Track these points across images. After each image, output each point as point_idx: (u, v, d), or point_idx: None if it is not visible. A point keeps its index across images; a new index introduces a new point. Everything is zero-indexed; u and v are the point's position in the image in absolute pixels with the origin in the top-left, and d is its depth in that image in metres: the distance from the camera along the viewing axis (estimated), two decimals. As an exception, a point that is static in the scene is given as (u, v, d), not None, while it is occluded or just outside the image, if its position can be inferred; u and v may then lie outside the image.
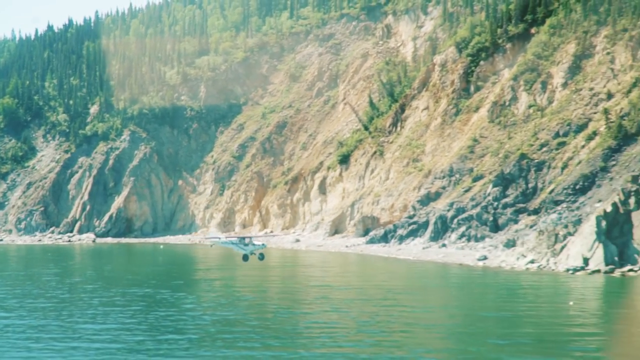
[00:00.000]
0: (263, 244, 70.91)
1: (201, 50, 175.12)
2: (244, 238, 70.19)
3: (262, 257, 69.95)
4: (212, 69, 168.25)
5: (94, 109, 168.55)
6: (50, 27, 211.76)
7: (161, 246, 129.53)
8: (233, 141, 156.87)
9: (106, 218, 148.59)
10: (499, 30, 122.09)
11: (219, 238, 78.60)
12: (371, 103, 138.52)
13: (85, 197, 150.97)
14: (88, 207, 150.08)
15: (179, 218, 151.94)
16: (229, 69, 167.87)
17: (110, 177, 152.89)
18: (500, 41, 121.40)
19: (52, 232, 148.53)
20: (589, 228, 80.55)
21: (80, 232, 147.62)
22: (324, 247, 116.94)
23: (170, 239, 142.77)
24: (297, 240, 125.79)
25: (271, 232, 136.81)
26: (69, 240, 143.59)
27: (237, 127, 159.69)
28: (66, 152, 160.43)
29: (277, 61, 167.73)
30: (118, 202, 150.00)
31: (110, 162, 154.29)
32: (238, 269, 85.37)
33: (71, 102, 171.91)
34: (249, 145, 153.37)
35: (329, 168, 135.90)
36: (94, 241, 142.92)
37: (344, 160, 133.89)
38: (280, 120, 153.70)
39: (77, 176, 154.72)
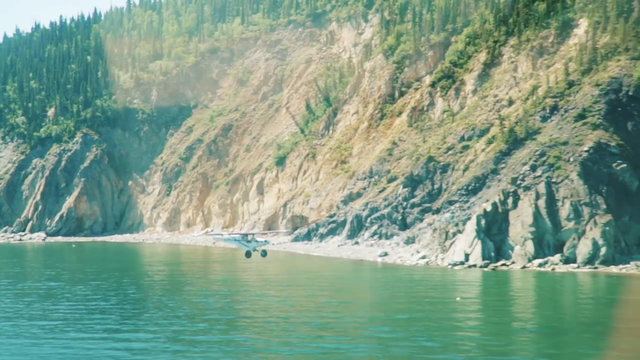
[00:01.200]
0: (266, 241, 73.62)
1: (155, 55, 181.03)
2: (246, 235, 72.46)
3: (264, 253, 71.62)
4: (164, 73, 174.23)
5: (51, 112, 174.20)
6: (17, 31, 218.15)
7: (73, 245, 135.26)
8: (182, 143, 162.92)
9: (57, 217, 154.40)
10: (422, 39, 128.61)
11: (222, 235, 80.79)
12: (308, 107, 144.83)
13: (38, 197, 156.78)
14: (40, 207, 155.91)
15: (128, 217, 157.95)
16: (181, 73, 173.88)
17: (62, 178, 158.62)
18: (422, 49, 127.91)
19: (5, 231, 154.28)
20: (470, 226, 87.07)
21: (32, 231, 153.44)
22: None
23: (117, 238, 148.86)
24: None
25: (212, 230, 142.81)
26: (20, 239, 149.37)
27: (186, 129, 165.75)
28: (22, 153, 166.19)
29: (227, 66, 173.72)
30: (69, 202, 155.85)
31: (63, 163, 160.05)
32: (127, 262, 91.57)
33: (30, 105, 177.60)
34: (196, 147, 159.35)
35: (266, 169, 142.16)
36: (44, 240, 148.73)
37: (280, 162, 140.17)
38: (227, 123, 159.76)
39: (30, 177, 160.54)
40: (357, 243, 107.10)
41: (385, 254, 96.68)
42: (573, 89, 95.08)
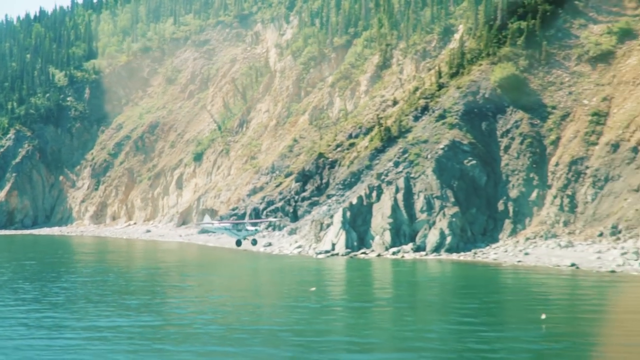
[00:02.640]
0: (256, 230, 75.45)
1: (90, 54, 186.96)
2: (237, 224, 75.18)
3: (255, 242, 72.69)
4: (97, 71, 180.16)
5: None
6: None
7: None
8: (111, 140, 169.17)
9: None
10: (327, 41, 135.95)
11: (212, 224, 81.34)
12: (226, 105, 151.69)
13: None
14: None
15: (58, 211, 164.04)
16: (113, 72, 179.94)
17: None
18: (327, 51, 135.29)
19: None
20: (338, 218, 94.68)
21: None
22: (165, 237, 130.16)
23: (46, 230, 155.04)
24: (148, 231, 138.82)
25: (134, 223, 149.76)
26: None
27: (116, 126, 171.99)
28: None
29: (158, 65, 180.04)
30: (0, 196, 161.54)
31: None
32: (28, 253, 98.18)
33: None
34: (124, 143, 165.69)
35: (185, 165, 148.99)
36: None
37: (198, 157, 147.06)
38: (154, 120, 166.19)
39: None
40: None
41: (270, 244, 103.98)
42: (442, 91, 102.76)
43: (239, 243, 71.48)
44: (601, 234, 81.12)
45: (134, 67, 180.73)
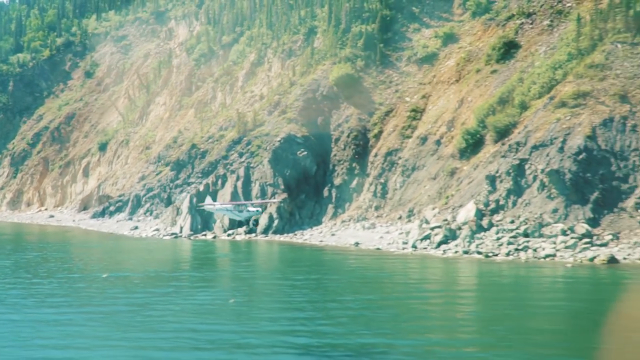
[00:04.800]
0: (257, 211, 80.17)
1: (17, 48, 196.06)
2: (239, 205, 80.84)
3: (256, 223, 79.73)
4: (21, 65, 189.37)
5: None
6: None
7: None
8: (31, 130, 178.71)
9: None
10: (216, 39, 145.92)
11: (214, 205, 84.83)
12: (130, 98, 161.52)
13: None
14: None
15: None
16: (36, 66, 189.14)
17: None
18: (215, 48, 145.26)
19: None
20: (186, 203, 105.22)
21: None
22: (62, 222, 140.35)
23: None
24: (52, 216, 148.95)
25: (46, 209, 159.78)
26: None
27: (37, 117, 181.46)
28: None
29: (79, 59, 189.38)
30: None
31: None
32: None
33: None
34: (42, 134, 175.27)
35: (92, 154, 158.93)
36: None
37: (103, 147, 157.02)
38: (70, 112, 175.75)
39: None
40: (130, 219, 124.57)
41: (136, 228, 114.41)
42: (292, 88, 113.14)
43: (241, 224, 72.52)
44: (400, 217, 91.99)
45: (56, 61, 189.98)
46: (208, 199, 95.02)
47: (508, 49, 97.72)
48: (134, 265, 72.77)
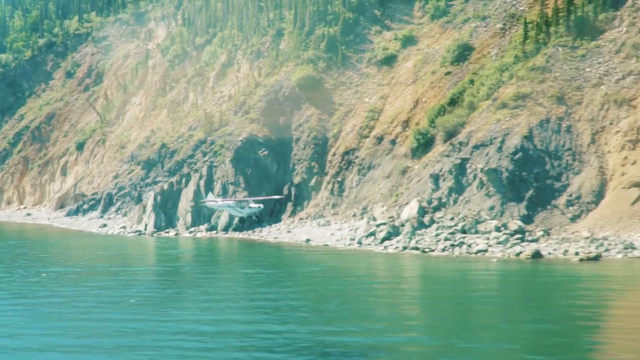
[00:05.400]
0: (259, 207, 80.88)
1: (0, 49, 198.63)
2: (240, 201, 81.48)
3: (258, 219, 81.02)
4: (4, 65, 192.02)
5: None
6: None
7: None
8: (12, 129, 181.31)
9: None
10: (190, 40, 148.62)
11: (216, 201, 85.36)
12: (107, 98, 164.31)
13: None
14: None
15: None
16: (18, 66, 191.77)
17: None
18: (189, 49, 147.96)
19: None
20: (150, 201, 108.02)
21: None
22: (37, 220, 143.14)
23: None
24: (29, 214, 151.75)
25: (25, 207, 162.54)
26: None
27: (18, 117, 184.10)
28: None
29: (61, 59, 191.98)
30: None
31: None
32: None
33: None
34: (24, 133, 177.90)
35: (70, 153, 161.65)
36: None
37: (80, 147, 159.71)
38: (51, 111, 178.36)
39: None
40: (102, 217, 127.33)
41: (105, 225, 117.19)
42: (257, 88, 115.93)
43: (242, 220, 73.70)
44: (354, 215, 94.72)
45: (38, 61, 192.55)
46: (210, 196, 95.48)
47: (462, 52, 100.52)
48: (81, 261, 75.59)
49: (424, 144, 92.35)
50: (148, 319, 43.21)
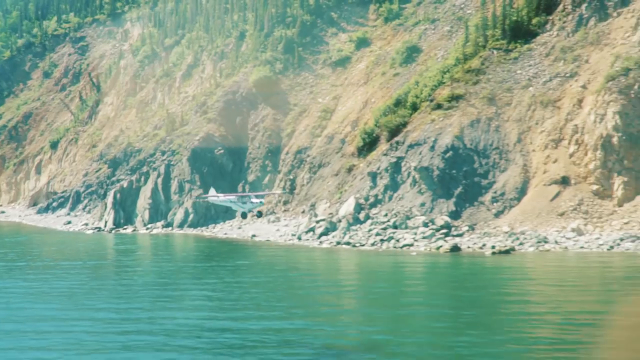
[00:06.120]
0: (261, 202, 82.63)
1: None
2: (242, 196, 76.37)
3: (259, 214, 79.57)
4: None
5: None
6: None
7: None
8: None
9: None
10: (160, 41, 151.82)
11: (218, 197, 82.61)
12: (81, 98, 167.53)
13: None
14: None
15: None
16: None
17: None
18: (158, 50, 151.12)
19: None
20: (110, 199, 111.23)
21: None
22: (9, 217, 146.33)
23: None
24: (3, 212, 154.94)
25: (0, 205, 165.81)
26: None
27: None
28: None
29: (39, 60, 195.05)
30: None
31: None
32: None
33: None
34: (1, 132, 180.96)
35: (44, 152, 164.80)
36: None
37: (54, 145, 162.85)
38: (28, 111, 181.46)
39: None
40: (69, 214, 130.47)
41: (69, 222, 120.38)
42: (217, 89, 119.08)
43: (244, 215, 74.99)
44: (303, 211, 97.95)
45: (17, 61, 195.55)
46: (212, 191, 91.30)
47: (410, 54, 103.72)
48: (28, 256, 78.86)
49: (370, 143, 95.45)
50: (58, 308, 46.39)
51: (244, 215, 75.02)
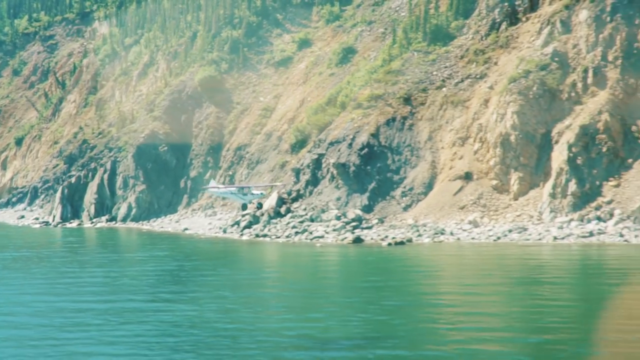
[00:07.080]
0: (261, 193, 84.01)
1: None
2: (242, 188, 79.04)
3: (260, 205, 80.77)
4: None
5: None
6: None
7: None
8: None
9: None
10: (120, 40, 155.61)
11: (218, 188, 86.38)
12: (46, 95, 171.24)
13: None
14: None
15: None
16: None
17: None
18: (118, 49, 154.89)
19: None
20: (59, 194, 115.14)
21: None
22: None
23: None
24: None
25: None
26: None
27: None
28: None
29: (10, 58, 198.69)
30: None
31: None
32: None
33: None
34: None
35: (10, 148, 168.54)
36: None
37: (19, 142, 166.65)
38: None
39: None
40: (26, 209, 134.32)
41: (22, 217, 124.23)
42: (166, 88, 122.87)
43: (244, 207, 77.43)
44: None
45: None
46: (212, 182, 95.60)
47: (346, 54, 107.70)
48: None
49: (301, 141, 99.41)
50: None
51: (244, 207, 78.19)
